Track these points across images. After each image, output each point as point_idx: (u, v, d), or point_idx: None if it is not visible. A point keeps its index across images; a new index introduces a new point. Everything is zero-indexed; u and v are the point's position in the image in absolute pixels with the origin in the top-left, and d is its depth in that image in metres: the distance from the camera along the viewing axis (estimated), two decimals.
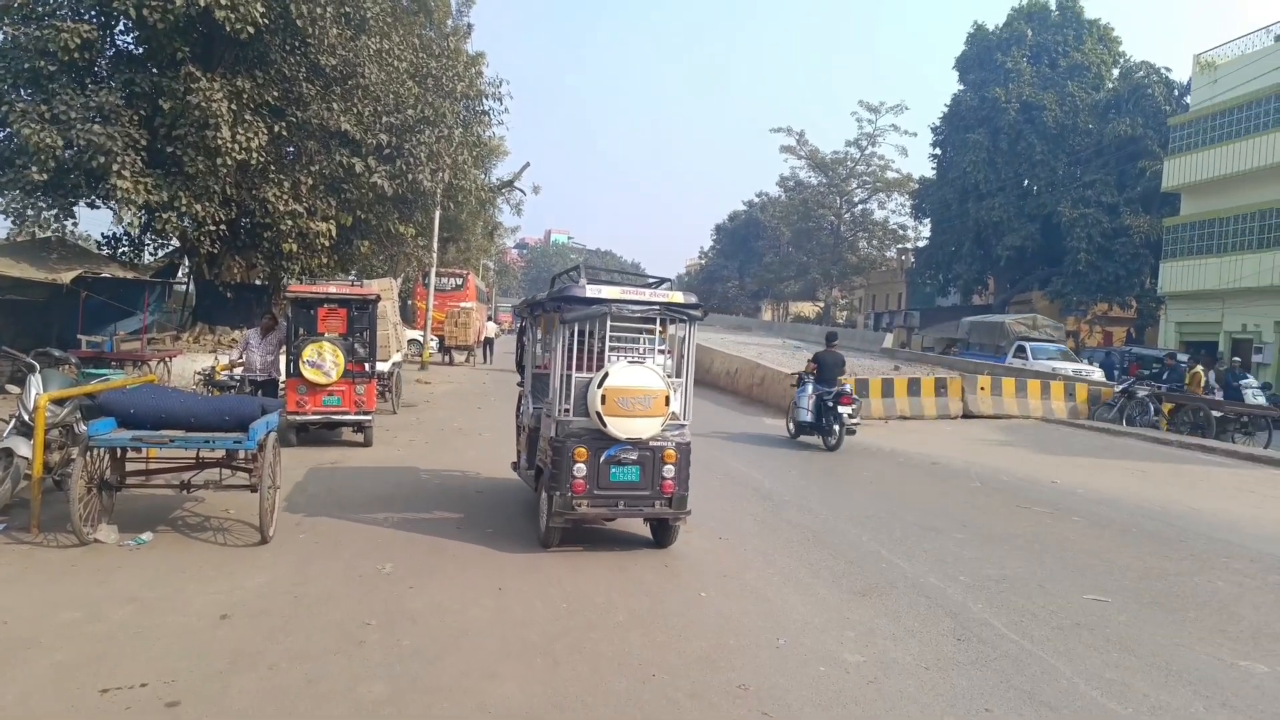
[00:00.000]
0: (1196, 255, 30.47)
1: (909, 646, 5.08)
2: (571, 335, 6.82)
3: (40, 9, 15.50)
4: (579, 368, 6.88)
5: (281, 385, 11.44)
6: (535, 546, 6.88)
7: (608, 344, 6.87)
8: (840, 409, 12.99)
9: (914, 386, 18.72)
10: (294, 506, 7.77)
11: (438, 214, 26.23)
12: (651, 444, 6.75)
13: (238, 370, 11.58)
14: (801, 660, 4.80)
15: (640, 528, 7.58)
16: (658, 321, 6.99)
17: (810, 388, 13.56)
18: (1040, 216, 38.86)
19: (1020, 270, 42.83)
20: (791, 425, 14.26)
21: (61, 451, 7.17)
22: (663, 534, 7.23)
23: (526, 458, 8.27)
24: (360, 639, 4.78)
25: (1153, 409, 17.78)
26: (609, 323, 6.81)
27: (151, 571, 5.79)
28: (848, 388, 13.93)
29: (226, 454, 7.18)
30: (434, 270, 28.98)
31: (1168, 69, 38.10)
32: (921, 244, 53.34)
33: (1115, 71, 40.96)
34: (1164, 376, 18.65)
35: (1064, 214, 36.58)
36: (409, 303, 35.35)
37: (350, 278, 23.85)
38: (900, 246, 61.30)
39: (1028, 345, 26.93)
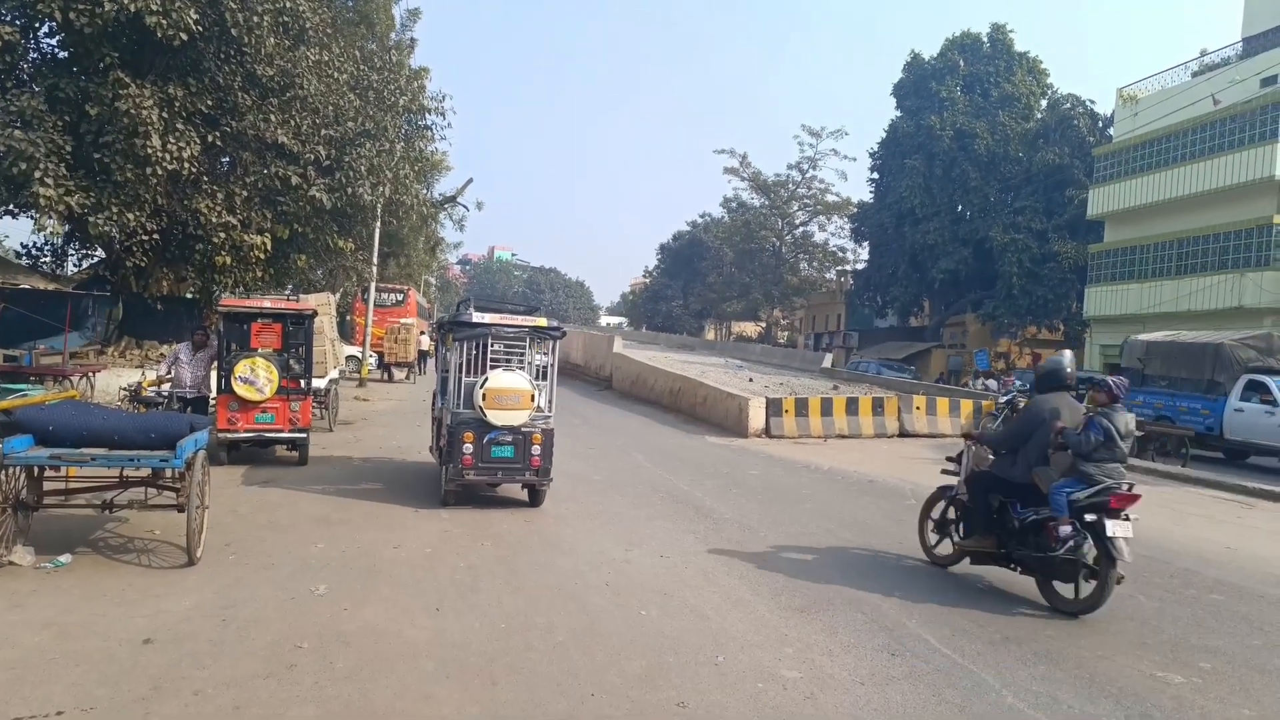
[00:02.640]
0: (1119, 281, 31.78)
1: (845, 662, 5.15)
2: (463, 349, 9.11)
3: None
4: (472, 373, 9.06)
5: (212, 402, 11.10)
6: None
7: (489, 356, 9.09)
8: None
9: (852, 406, 19.07)
10: (224, 527, 7.54)
11: (378, 228, 25.87)
12: (522, 429, 8.90)
13: (166, 386, 11.19)
14: (740, 677, 4.82)
15: (517, 492, 9.76)
16: (528, 340, 9.29)
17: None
18: (973, 241, 40.12)
19: (954, 293, 44.10)
20: None
21: None
22: (534, 495, 9.44)
23: (435, 441, 10.47)
24: (291, 663, 4.66)
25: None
26: (490, 341, 9.09)
27: (70, 595, 5.55)
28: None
29: (152, 473, 6.92)
30: (374, 285, 28.54)
31: (1092, 101, 39.85)
32: (860, 266, 54.54)
33: (1044, 102, 42.64)
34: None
35: (995, 239, 37.84)
36: (348, 318, 34.72)
37: (286, 292, 23.31)
38: (840, 269, 62.55)
39: (1272, 382, 16.57)
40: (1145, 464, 16.23)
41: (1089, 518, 6.13)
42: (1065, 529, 6.15)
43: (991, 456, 7.22)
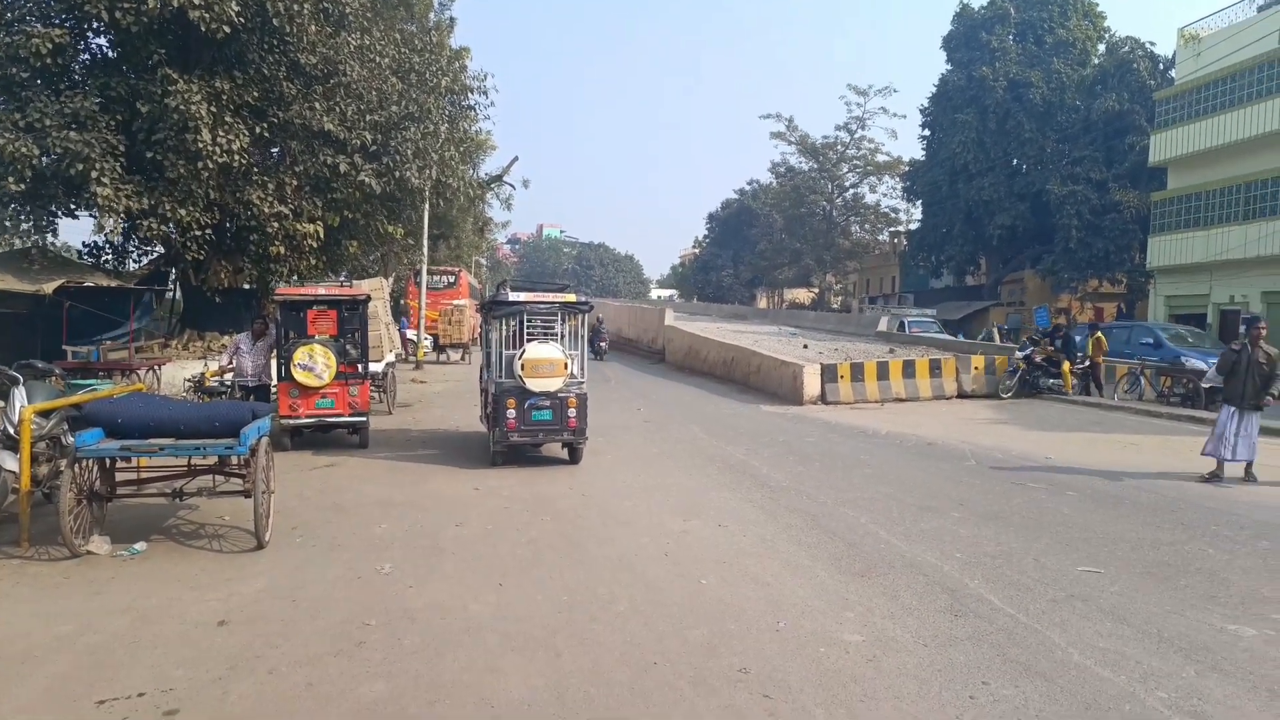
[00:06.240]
0: (1184, 229, 30.49)
1: (907, 624, 5.10)
2: (503, 325, 10.28)
3: (9, 14, 15.19)
4: (512, 347, 10.15)
5: (273, 389, 11.38)
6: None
7: (526, 330, 10.21)
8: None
9: (909, 369, 18.74)
10: (290, 511, 7.75)
11: (427, 211, 26.12)
12: (558, 395, 9.95)
13: (228, 376, 11.51)
14: (801, 642, 4.80)
15: (559, 452, 10.89)
16: (559, 314, 10.40)
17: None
18: (1030, 195, 38.83)
19: (1012, 249, 42.83)
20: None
21: (49, 464, 7.09)
22: (572, 453, 10.51)
23: (483, 410, 11.53)
24: (360, 640, 4.77)
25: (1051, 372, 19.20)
26: (525, 317, 10.22)
27: (146, 581, 5.76)
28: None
29: (219, 460, 7.13)
30: (425, 268, 28.87)
31: (1152, 43, 37.98)
32: (914, 226, 53.29)
33: (1101, 47, 40.83)
34: (1056, 344, 19.53)
35: (1053, 191, 36.56)
36: (401, 302, 35.24)
37: (340, 279, 23.71)
38: (893, 229, 61.25)
39: None
40: (1169, 409, 15.77)
41: None
42: None
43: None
